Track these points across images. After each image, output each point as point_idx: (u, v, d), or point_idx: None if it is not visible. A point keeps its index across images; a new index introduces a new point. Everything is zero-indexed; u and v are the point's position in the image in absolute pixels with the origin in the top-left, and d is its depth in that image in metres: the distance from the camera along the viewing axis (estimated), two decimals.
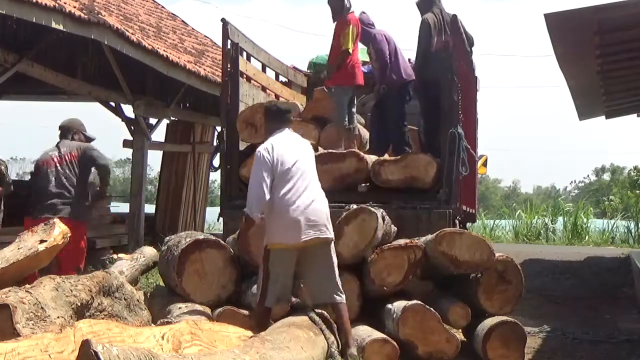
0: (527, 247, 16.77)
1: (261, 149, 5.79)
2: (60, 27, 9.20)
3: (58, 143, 7.49)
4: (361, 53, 9.55)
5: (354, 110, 8.55)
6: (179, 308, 6.12)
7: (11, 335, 4.33)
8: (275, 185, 5.64)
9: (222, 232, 7.70)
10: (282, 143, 5.85)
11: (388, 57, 8.54)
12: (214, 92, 11.81)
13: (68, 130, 7.57)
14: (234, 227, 6.98)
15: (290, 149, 5.83)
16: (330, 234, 5.87)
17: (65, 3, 9.29)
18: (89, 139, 7.71)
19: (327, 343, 5.54)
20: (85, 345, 3.36)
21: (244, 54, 8.76)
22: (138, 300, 5.89)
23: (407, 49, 9.07)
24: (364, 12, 8.85)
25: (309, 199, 5.70)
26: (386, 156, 8.31)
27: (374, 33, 8.68)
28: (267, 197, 5.60)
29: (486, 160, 17.24)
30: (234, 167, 7.99)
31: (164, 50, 11.64)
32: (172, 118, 14.43)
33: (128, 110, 13.30)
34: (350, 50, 8.23)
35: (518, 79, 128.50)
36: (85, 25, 9.58)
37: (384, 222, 6.78)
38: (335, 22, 8.37)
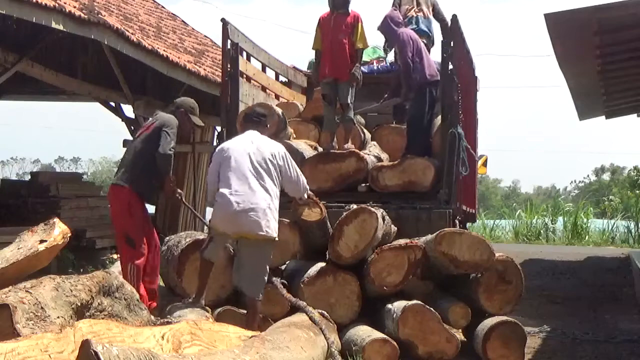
0: (527, 247, 16.75)
1: (219, 146, 6.31)
2: (60, 27, 9.21)
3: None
4: (369, 52, 9.60)
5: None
6: (179, 308, 6.12)
7: (11, 335, 4.33)
8: (220, 178, 6.06)
9: None
10: (237, 141, 6.27)
11: (411, 58, 8.30)
12: (214, 92, 11.81)
13: (175, 107, 7.00)
14: None
15: (243, 147, 6.11)
16: (264, 231, 5.91)
17: (65, 3, 9.29)
18: (192, 122, 7.04)
19: (327, 343, 5.54)
20: (85, 345, 3.36)
21: (244, 54, 8.75)
22: (138, 300, 5.88)
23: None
24: (395, 9, 8.71)
25: (247, 197, 5.89)
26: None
27: (400, 32, 8.41)
28: (215, 188, 6.10)
29: (486, 160, 17.23)
30: None
31: (164, 50, 11.64)
32: None
33: (128, 110, 13.31)
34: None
35: (518, 79, 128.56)
36: (85, 25, 9.59)
37: (384, 222, 6.79)
38: (335, 14, 8.09)
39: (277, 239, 6.11)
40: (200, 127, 7.30)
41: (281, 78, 10.47)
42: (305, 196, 6.56)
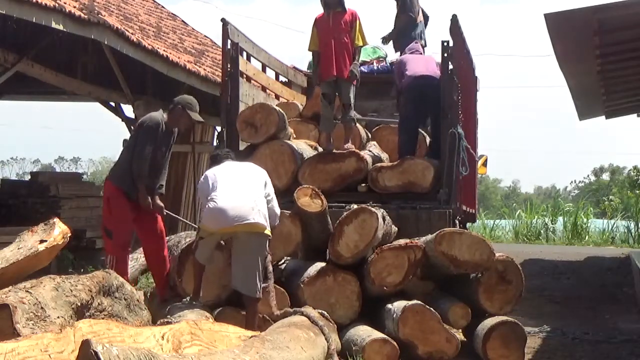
0: (527, 247, 16.74)
1: (203, 175, 6.58)
2: (60, 27, 9.20)
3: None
4: (370, 52, 9.64)
5: None
6: (179, 308, 6.13)
7: (11, 335, 4.34)
8: (211, 191, 6.23)
9: None
10: (217, 169, 6.48)
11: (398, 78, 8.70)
12: (214, 92, 11.80)
13: (174, 104, 7.11)
14: None
15: (228, 168, 6.45)
16: (251, 220, 6.00)
17: (65, 3, 9.29)
18: (190, 118, 7.07)
19: (327, 343, 5.54)
20: (85, 345, 3.36)
21: (244, 54, 8.75)
22: (138, 300, 5.90)
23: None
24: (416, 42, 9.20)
25: (233, 198, 6.08)
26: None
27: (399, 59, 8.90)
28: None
29: (486, 160, 17.23)
30: None
31: (164, 50, 11.63)
32: None
33: (128, 110, 13.31)
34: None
35: (518, 79, 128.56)
36: (85, 25, 9.58)
37: (384, 222, 6.79)
38: (332, 14, 8.03)
39: (269, 234, 6.13)
40: (200, 122, 7.36)
41: (281, 78, 10.47)
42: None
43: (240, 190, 6.16)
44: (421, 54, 9.08)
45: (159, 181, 7.09)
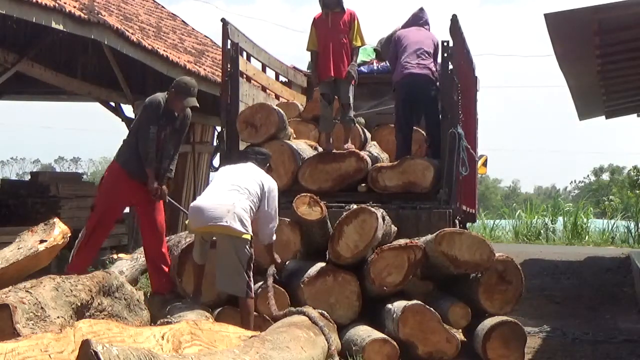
0: (527, 247, 16.75)
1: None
2: (60, 27, 9.21)
3: None
4: (370, 52, 9.58)
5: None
6: (179, 308, 6.13)
7: (11, 335, 4.34)
8: None
9: None
10: (226, 168, 6.66)
11: (392, 60, 8.56)
12: (214, 92, 11.79)
13: (171, 87, 6.96)
14: None
15: (231, 169, 6.54)
16: (226, 223, 5.95)
17: (65, 3, 9.29)
18: (181, 103, 6.89)
19: (328, 343, 5.54)
20: (85, 345, 3.36)
21: (244, 54, 8.75)
22: (138, 300, 5.90)
23: None
24: (422, 9, 8.88)
25: (213, 198, 6.12)
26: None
27: (395, 35, 8.68)
28: None
29: (486, 160, 17.22)
30: None
31: (164, 50, 11.63)
32: None
33: (128, 110, 13.31)
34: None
35: (518, 79, 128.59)
36: (85, 25, 9.58)
37: (384, 222, 6.78)
38: (331, 14, 8.02)
39: (246, 238, 6.02)
40: (193, 107, 7.08)
41: (281, 78, 10.46)
42: (271, 240, 6.47)
43: (223, 191, 6.14)
44: (424, 21, 8.76)
45: (167, 164, 6.99)
